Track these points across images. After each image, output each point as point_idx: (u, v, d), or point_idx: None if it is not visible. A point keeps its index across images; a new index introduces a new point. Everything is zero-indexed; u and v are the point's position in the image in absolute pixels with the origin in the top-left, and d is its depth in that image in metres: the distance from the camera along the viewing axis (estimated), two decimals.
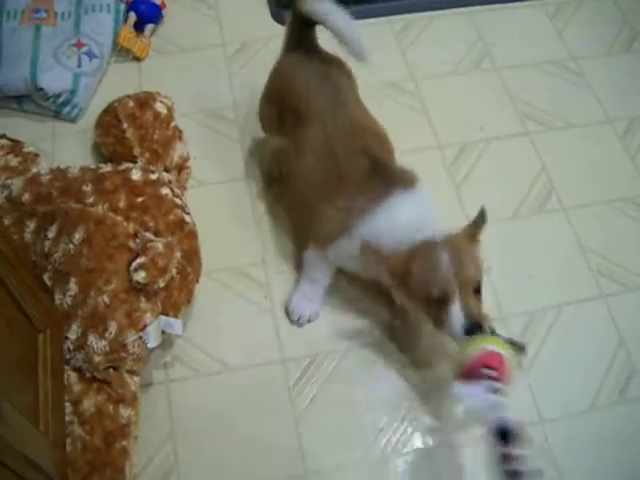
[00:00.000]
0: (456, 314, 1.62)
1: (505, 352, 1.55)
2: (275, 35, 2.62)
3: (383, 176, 1.80)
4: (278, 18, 2.72)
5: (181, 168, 2.19)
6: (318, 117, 1.90)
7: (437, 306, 1.64)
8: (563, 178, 2.37)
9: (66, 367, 1.76)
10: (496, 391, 1.42)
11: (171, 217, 1.91)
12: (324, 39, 2.03)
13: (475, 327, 1.60)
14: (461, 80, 2.60)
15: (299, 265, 2.09)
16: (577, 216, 2.28)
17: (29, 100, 2.43)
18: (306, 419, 1.90)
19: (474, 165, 2.36)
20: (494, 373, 1.50)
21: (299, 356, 1.99)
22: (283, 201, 2.26)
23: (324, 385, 1.95)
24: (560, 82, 2.62)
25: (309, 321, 2.05)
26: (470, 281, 1.64)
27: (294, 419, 1.90)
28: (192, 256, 1.94)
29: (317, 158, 1.90)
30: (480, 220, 1.74)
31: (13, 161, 2.16)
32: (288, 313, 2.06)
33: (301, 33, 2.01)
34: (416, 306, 1.74)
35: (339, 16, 1.89)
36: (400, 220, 1.72)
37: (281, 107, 2.04)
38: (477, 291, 1.66)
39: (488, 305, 2.06)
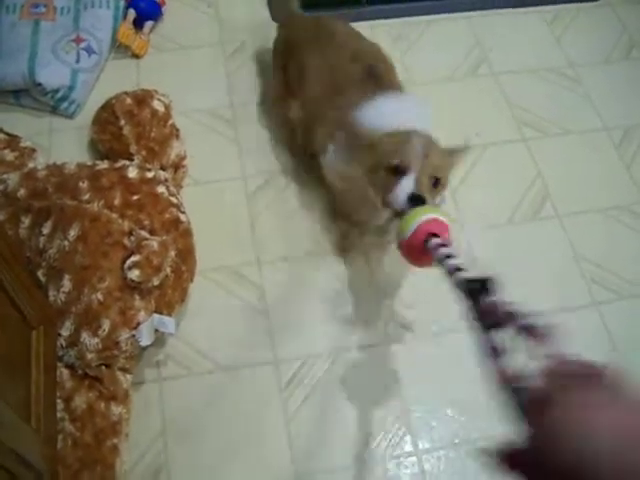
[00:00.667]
0: (406, 183, 1.65)
1: (448, 220, 1.51)
2: (273, 35, 2.63)
3: (376, 80, 1.96)
4: (278, 18, 2.71)
5: (177, 166, 2.19)
6: (316, 50, 2.09)
7: (393, 176, 1.68)
8: (558, 185, 2.37)
9: (58, 364, 1.76)
10: (451, 256, 1.38)
11: (166, 216, 1.91)
12: None
13: (419, 199, 1.62)
14: (458, 85, 2.61)
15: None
16: (571, 223, 2.29)
17: (27, 95, 2.42)
18: (297, 421, 1.90)
19: (470, 170, 2.36)
20: (443, 240, 1.47)
21: (291, 357, 2.00)
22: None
23: (316, 387, 1.95)
24: (557, 89, 2.63)
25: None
26: (432, 168, 1.69)
27: (285, 421, 1.90)
28: (187, 255, 1.94)
29: (318, 78, 2.05)
30: (462, 149, 1.81)
31: (9, 156, 2.16)
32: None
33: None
34: (372, 176, 1.76)
35: None
36: (387, 115, 1.79)
37: (285, 60, 2.21)
38: (436, 183, 1.70)
39: None
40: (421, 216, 1.47)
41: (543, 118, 2.53)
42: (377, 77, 1.97)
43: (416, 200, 1.62)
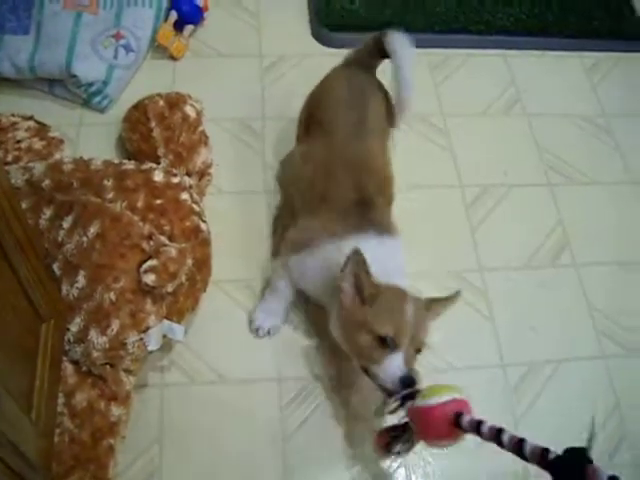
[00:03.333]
0: (397, 362, 1.62)
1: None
2: (312, 53, 2.65)
3: (365, 215, 1.83)
4: (318, 36, 2.73)
5: (203, 174, 2.19)
6: (335, 135, 1.96)
7: (380, 347, 1.63)
8: (579, 234, 2.37)
9: (64, 358, 1.77)
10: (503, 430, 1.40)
11: (187, 223, 1.91)
12: None
13: (412, 381, 1.60)
14: (490, 122, 2.61)
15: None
16: (588, 274, 2.28)
17: (61, 85, 2.44)
18: (294, 441, 1.90)
19: (493, 209, 2.36)
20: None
21: (295, 377, 1.99)
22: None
23: (316, 410, 1.95)
24: (588, 137, 2.63)
25: (269, 334, 2.05)
26: (418, 342, 1.66)
27: (282, 439, 1.89)
28: (202, 264, 1.94)
29: (315, 171, 1.95)
30: (448, 301, 1.73)
31: (37, 144, 2.17)
32: (250, 322, 2.06)
33: (367, 57, 2.13)
34: (357, 340, 1.69)
35: (408, 63, 2.00)
36: (371, 257, 1.68)
37: (311, 114, 2.11)
38: (418, 351, 1.68)
39: (488, 351, 2.08)
40: (442, 394, 1.49)
41: (570, 165, 2.53)
42: (365, 211, 1.85)
43: (408, 383, 1.59)
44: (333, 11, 2.74)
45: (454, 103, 2.62)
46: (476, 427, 1.40)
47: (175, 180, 1.98)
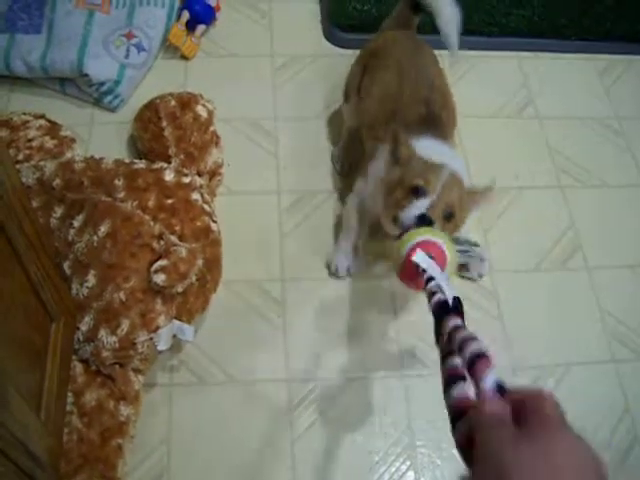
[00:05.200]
0: (421, 204, 1.64)
1: (444, 242, 1.48)
2: (324, 53, 2.65)
3: (430, 128, 1.89)
4: (329, 37, 2.72)
5: (214, 174, 2.19)
6: (397, 64, 2.06)
7: (410, 195, 1.67)
8: (590, 237, 2.36)
9: (73, 357, 1.77)
10: (432, 278, 1.36)
11: (198, 223, 1.91)
12: None
13: (428, 221, 1.61)
14: (502, 124, 2.60)
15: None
16: (599, 277, 2.27)
17: (72, 84, 2.44)
18: (303, 442, 1.89)
19: (504, 211, 2.35)
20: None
21: (305, 378, 1.99)
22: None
23: (325, 411, 1.94)
24: (600, 140, 2.62)
25: (348, 272, 2.15)
26: (450, 201, 1.68)
27: (291, 441, 1.89)
28: (213, 265, 1.93)
29: (384, 92, 2.04)
30: (488, 192, 1.78)
31: (49, 143, 2.17)
32: (328, 266, 2.18)
33: (405, 19, 2.26)
34: (391, 192, 1.74)
35: (446, 6, 2.09)
36: (424, 154, 1.75)
37: (367, 65, 2.17)
38: (448, 217, 1.69)
39: (498, 354, 2.07)
40: (417, 237, 1.47)
41: (583, 168, 2.52)
42: (435, 125, 1.93)
43: (424, 221, 1.60)
44: (345, 11, 2.74)
45: (466, 104, 2.58)
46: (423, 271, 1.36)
47: (186, 180, 1.98)
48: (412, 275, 1.41)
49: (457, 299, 1.15)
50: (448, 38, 2.10)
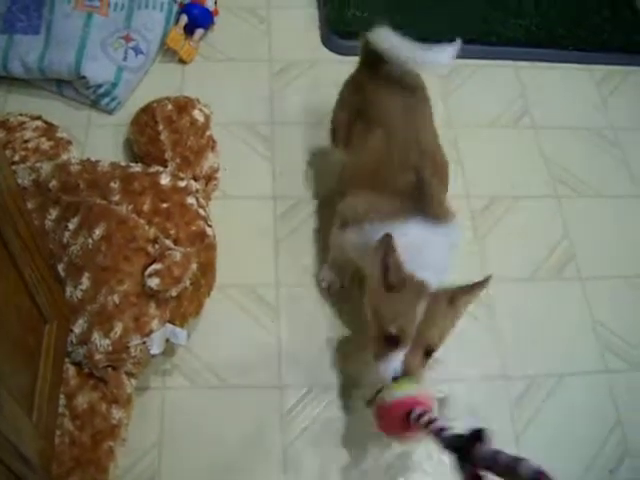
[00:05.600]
0: (394, 362, 1.61)
1: (424, 392, 1.55)
2: (322, 59, 2.66)
3: (421, 198, 1.76)
4: (327, 43, 2.73)
5: (210, 178, 2.19)
6: (386, 124, 1.92)
7: (385, 341, 1.63)
8: (585, 247, 2.36)
9: (66, 360, 1.77)
10: (433, 420, 1.40)
11: (193, 228, 1.91)
12: None
13: (404, 373, 1.60)
14: (498, 133, 2.60)
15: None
16: (593, 287, 2.27)
17: (69, 86, 2.44)
18: (294, 449, 1.89)
19: (499, 220, 2.36)
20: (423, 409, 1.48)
21: (297, 384, 1.99)
22: None
23: (317, 417, 1.94)
24: (596, 150, 2.62)
25: (329, 288, 2.14)
26: (427, 343, 1.62)
27: (282, 447, 1.89)
28: (207, 269, 1.94)
29: (370, 155, 1.91)
30: (476, 288, 1.64)
31: (45, 144, 2.17)
32: (319, 282, 2.16)
33: (376, 57, 2.00)
34: (372, 327, 1.70)
35: (404, 49, 1.94)
36: (409, 243, 1.65)
37: (353, 114, 2.05)
38: (428, 354, 1.64)
39: (491, 363, 2.08)
40: (398, 391, 1.54)
41: (578, 178, 2.52)
42: (425, 196, 1.77)
43: (400, 373, 1.60)
44: (343, 18, 2.74)
45: (463, 113, 2.61)
46: (425, 424, 1.40)
47: (181, 184, 1.98)
48: (396, 423, 1.51)
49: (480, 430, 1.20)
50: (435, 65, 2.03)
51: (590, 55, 2.86)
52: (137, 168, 2.00)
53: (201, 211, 1.96)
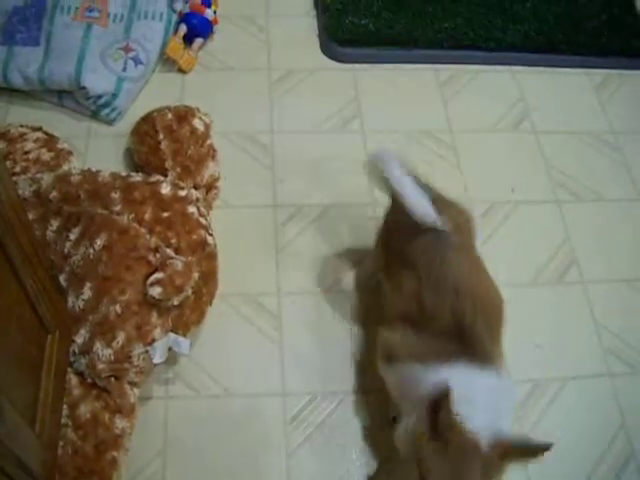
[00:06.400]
0: None
1: None
2: (321, 67, 2.67)
3: (461, 342, 1.61)
4: (326, 51, 2.73)
5: (210, 187, 2.19)
6: (419, 264, 1.73)
7: None
8: (586, 251, 2.36)
9: (68, 370, 1.76)
10: None
11: (194, 236, 1.91)
12: None
13: None
14: (498, 138, 2.60)
15: None
16: (595, 291, 2.27)
17: (69, 96, 2.45)
18: (298, 456, 1.89)
19: (500, 225, 2.36)
20: None
21: (300, 392, 1.99)
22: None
23: (321, 425, 1.94)
24: (596, 154, 2.62)
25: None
26: None
27: (286, 454, 1.89)
28: (209, 278, 1.94)
29: (407, 295, 1.74)
30: (532, 453, 1.49)
31: (46, 155, 2.18)
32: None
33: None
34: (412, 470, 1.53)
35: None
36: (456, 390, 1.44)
37: (390, 247, 1.90)
38: None
39: None
40: None
41: (579, 182, 2.52)
42: (468, 341, 1.61)
43: None
44: (342, 26, 2.75)
45: (462, 119, 2.62)
46: None
47: (182, 193, 1.98)
48: None
49: None
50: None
51: (589, 59, 2.86)
52: (138, 178, 2.00)
53: (202, 220, 1.97)
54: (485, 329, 1.64)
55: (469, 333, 1.61)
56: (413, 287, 1.72)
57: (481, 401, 1.53)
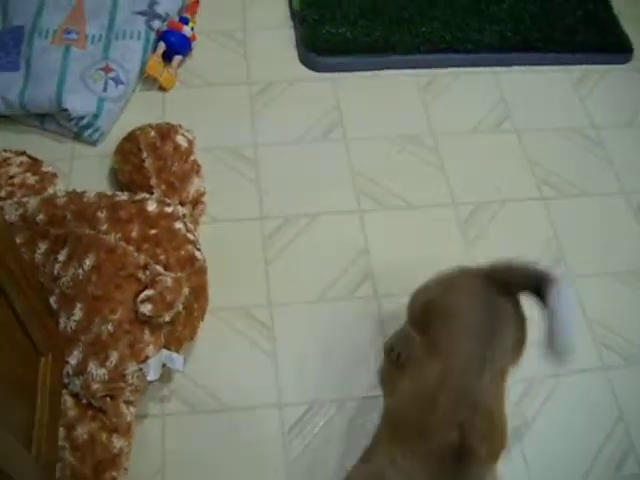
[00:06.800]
0: None
1: None
2: (301, 77, 2.68)
3: (460, 467, 1.42)
4: (305, 61, 2.74)
5: (196, 203, 2.19)
6: (448, 360, 1.58)
7: None
8: (573, 246, 2.37)
9: (63, 391, 1.76)
10: None
11: (182, 252, 1.91)
12: None
13: None
14: (481, 139, 2.61)
15: None
16: (584, 285, 2.27)
17: (51, 120, 2.45)
18: (297, 467, 1.89)
19: (487, 225, 2.36)
20: None
21: (297, 402, 1.99)
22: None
23: (319, 434, 1.94)
24: (579, 150, 2.63)
25: None
26: None
27: (285, 466, 1.88)
28: (199, 293, 1.94)
29: (416, 395, 1.57)
30: None
31: (30, 179, 2.17)
32: None
33: (516, 283, 1.69)
34: None
35: (568, 317, 1.59)
36: None
37: (427, 313, 1.74)
38: None
39: None
40: None
41: (563, 178, 2.53)
42: (465, 460, 1.42)
43: None
44: (319, 36, 2.76)
45: (444, 122, 2.63)
46: None
47: (168, 210, 1.99)
48: None
49: None
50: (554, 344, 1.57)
51: (566, 56, 2.87)
52: (123, 197, 2.00)
53: (189, 235, 1.97)
54: (487, 457, 1.47)
55: (471, 455, 1.43)
56: (430, 377, 1.56)
57: None
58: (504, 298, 1.66)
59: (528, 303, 1.64)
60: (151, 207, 1.97)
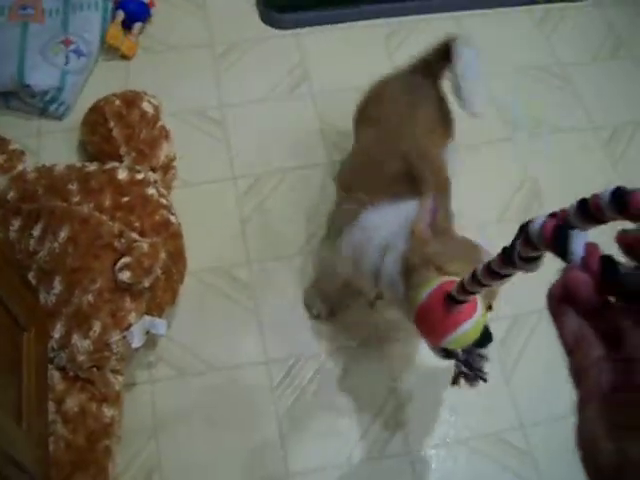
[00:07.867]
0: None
1: None
2: (263, 36, 2.66)
3: (414, 181, 1.63)
4: (266, 20, 2.72)
5: (167, 168, 2.18)
6: (385, 124, 1.84)
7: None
8: (547, 184, 2.38)
9: (50, 366, 1.76)
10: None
11: (156, 217, 1.91)
12: None
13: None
14: (447, 84, 2.60)
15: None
16: None
17: (15, 97, 2.42)
18: (289, 420, 1.91)
19: (461, 170, 2.36)
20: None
21: (283, 357, 2.00)
22: None
23: (307, 386, 1.96)
24: (547, 88, 2.64)
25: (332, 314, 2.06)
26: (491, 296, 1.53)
27: (277, 420, 1.90)
28: (177, 257, 1.94)
29: (363, 155, 1.87)
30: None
31: None
32: (308, 309, 2.08)
33: (431, 63, 1.95)
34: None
35: (471, 67, 1.84)
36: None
37: (361, 112, 1.99)
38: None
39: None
40: (435, 282, 1.31)
41: (532, 117, 2.54)
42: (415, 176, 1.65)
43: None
44: None
45: None
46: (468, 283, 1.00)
47: (139, 176, 1.98)
48: (437, 316, 1.27)
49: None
50: (464, 100, 1.85)
51: None
52: (93, 167, 1.99)
53: (162, 200, 1.97)
54: (429, 168, 1.68)
55: (418, 172, 1.64)
56: (372, 140, 1.84)
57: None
58: (426, 80, 1.94)
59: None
60: (122, 175, 1.96)
